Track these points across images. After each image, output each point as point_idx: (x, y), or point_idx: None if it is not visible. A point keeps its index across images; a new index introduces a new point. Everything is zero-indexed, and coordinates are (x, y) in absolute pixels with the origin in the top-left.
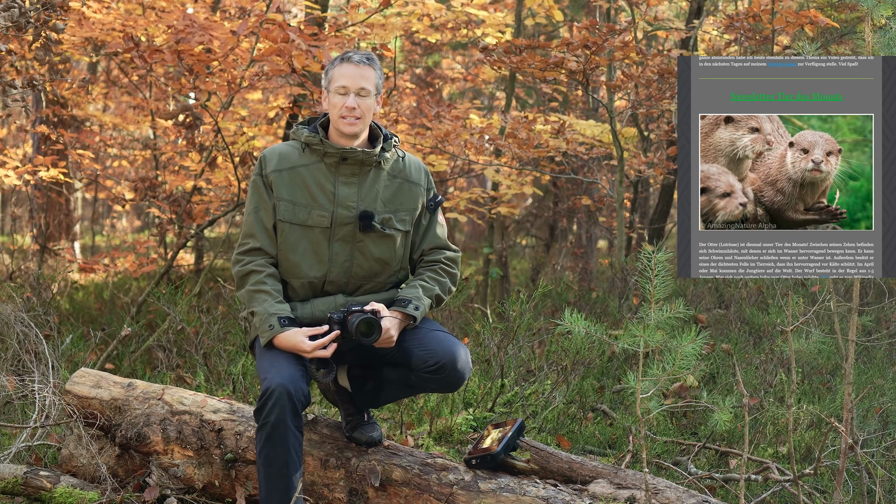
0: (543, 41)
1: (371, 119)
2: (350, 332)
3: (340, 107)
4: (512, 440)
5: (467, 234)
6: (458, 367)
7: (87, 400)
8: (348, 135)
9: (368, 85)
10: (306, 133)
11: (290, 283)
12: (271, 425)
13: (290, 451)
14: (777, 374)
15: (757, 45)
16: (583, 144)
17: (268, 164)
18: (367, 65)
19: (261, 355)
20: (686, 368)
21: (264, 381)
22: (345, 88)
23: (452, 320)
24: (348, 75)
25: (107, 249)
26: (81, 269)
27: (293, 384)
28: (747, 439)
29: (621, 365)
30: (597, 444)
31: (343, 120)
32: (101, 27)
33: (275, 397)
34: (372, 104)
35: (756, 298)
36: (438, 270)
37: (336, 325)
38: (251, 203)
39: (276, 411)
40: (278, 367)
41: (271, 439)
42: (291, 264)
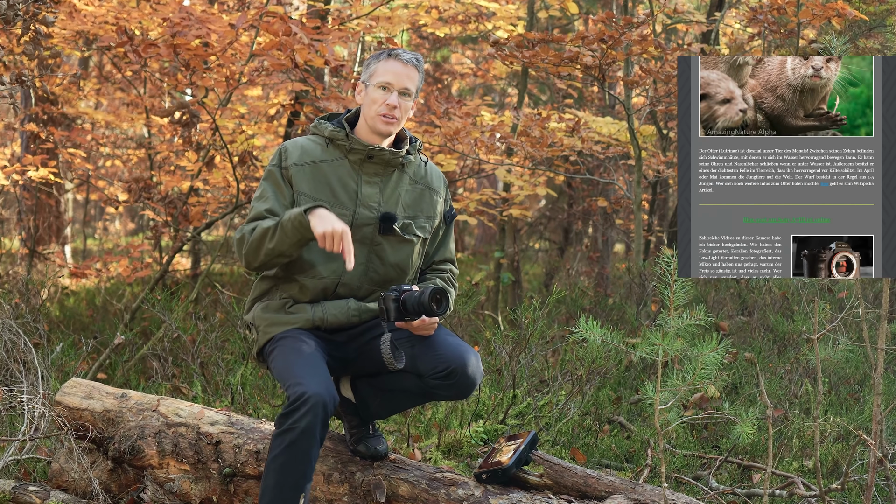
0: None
1: (405, 121)
2: (419, 305)
3: (381, 103)
4: (524, 454)
5: (477, 237)
6: (469, 373)
7: (79, 411)
8: (382, 134)
9: (412, 86)
10: (331, 128)
11: (301, 282)
12: (299, 432)
13: (310, 462)
14: (803, 384)
15: (781, 39)
16: (599, 143)
17: (289, 156)
18: (414, 66)
19: (283, 358)
20: (707, 378)
21: (297, 386)
22: (389, 85)
23: (462, 328)
24: (395, 72)
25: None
26: (72, 274)
27: (328, 393)
28: (771, 453)
29: (639, 375)
30: (613, 458)
31: (381, 118)
32: (93, 20)
33: (310, 404)
34: (409, 106)
35: (781, 305)
36: (447, 279)
37: (392, 301)
38: (266, 190)
39: (307, 419)
40: (311, 372)
41: (294, 446)
42: (305, 262)
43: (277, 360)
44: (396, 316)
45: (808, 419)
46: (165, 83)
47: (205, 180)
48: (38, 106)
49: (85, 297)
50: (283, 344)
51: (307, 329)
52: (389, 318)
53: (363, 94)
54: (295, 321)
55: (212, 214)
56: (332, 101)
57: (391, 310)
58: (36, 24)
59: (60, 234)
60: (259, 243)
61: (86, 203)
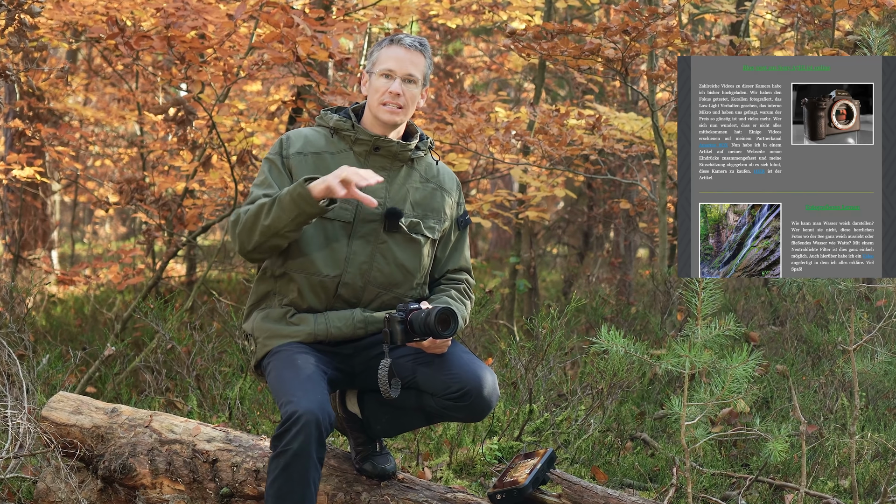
0: (577, 25)
1: (413, 111)
2: (425, 326)
3: (383, 91)
4: (541, 472)
5: (491, 241)
6: (485, 394)
7: (66, 427)
8: (387, 124)
9: (417, 72)
10: (336, 118)
11: (299, 280)
12: (293, 454)
13: (309, 485)
14: (838, 398)
15: (815, 31)
16: (621, 141)
17: (291, 145)
18: (418, 50)
19: (278, 373)
20: (737, 392)
21: (289, 405)
22: (391, 72)
23: (475, 338)
24: (397, 58)
25: (88, 259)
26: (60, 280)
27: (322, 411)
28: (805, 471)
29: (664, 388)
30: (636, 477)
31: (384, 107)
32: (82, 10)
33: (301, 423)
34: (417, 94)
35: (815, 314)
36: (463, 290)
37: (398, 323)
38: (266, 177)
39: (299, 439)
40: (304, 389)
41: (289, 469)
42: (305, 258)
43: (272, 375)
44: (403, 338)
45: (845, 436)
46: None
47: (201, 181)
48: (24, 101)
49: (73, 305)
50: (280, 358)
51: (309, 343)
52: (395, 341)
53: (367, 83)
54: (296, 334)
55: (208, 217)
56: (337, 97)
57: (397, 332)
58: (21, 14)
59: (47, 239)
60: (254, 221)
61: (74, 205)
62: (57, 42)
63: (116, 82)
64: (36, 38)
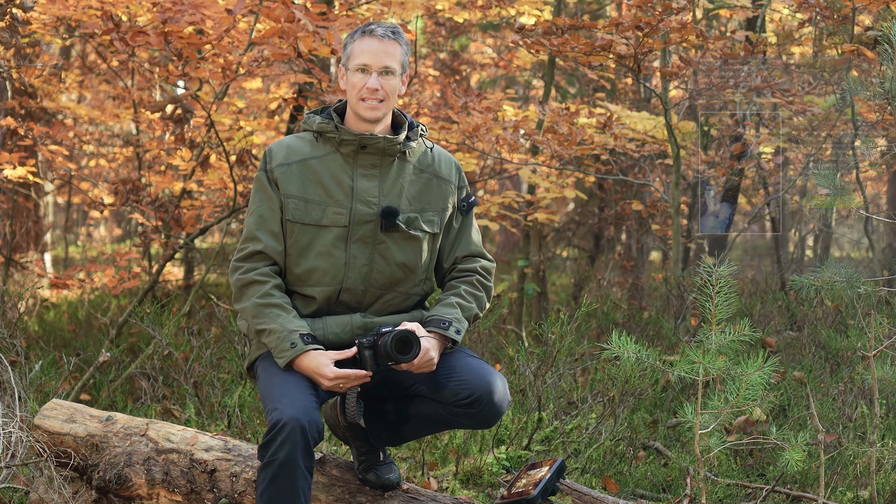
0: (588, 21)
1: (395, 101)
2: (384, 352)
3: (361, 87)
4: (551, 483)
5: (499, 244)
6: (495, 401)
7: (60, 436)
8: (369, 120)
9: (393, 63)
10: (318, 120)
11: (299, 293)
12: (279, 464)
13: (299, 494)
14: (857, 406)
15: (834, 26)
16: (633, 140)
17: (273, 157)
18: (392, 39)
19: (267, 378)
20: (752, 400)
21: (273, 412)
22: (366, 66)
23: (482, 344)
24: (370, 51)
25: (82, 262)
26: (53, 284)
27: (307, 417)
28: (823, 482)
29: (677, 396)
30: (649, 488)
31: (363, 103)
32: (76, 5)
33: (285, 432)
34: (397, 85)
35: (833, 319)
36: (475, 283)
37: (367, 349)
38: (253, 203)
39: (285, 448)
40: (290, 395)
41: (277, 480)
42: (303, 271)
43: (261, 379)
44: (373, 364)
45: (864, 445)
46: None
47: (199, 181)
48: (16, 99)
49: (67, 310)
50: (271, 361)
51: None
52: (365, 367)
53: (344, 78)
54: None
55: (207, 219)
56: (339, 94)
57: (366, 359)
58: (12, 8)
59: (40, 241)
60: (249, 317)
61: (68, 206)
62: (50, 38)
63: (111, 79)
64: (28, 33)
